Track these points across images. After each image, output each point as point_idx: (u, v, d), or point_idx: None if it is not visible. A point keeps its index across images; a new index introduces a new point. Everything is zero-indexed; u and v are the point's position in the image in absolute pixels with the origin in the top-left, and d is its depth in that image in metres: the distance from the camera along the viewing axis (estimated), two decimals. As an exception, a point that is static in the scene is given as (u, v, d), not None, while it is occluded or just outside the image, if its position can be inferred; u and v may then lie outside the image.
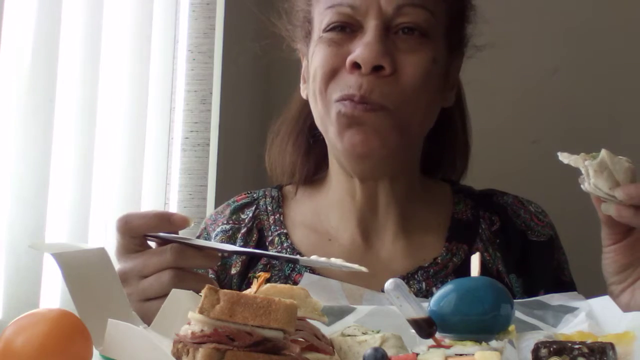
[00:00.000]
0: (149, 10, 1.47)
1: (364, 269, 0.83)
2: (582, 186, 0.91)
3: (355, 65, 1.06)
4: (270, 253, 1.14)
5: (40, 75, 1.13)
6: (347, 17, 1.09)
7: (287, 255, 1.13)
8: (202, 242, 0.98)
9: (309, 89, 1.14)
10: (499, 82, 1.84)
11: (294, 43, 1.21)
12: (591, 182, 0.90)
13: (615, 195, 0.89)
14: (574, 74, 1.88)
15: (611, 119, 1.85)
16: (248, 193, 1.25)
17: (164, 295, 0.85)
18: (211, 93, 1.61)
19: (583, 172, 0.90)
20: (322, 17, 1.11)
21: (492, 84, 1.81)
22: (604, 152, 0.90)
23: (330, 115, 1.08)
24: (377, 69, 1.05)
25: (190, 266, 0.94)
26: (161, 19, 1.52)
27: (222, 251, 1.03)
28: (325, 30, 1.10)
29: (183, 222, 0.94)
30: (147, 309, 0.90)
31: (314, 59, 1.11)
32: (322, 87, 1.08)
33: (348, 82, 1.06)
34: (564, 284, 1.17)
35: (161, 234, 0.94)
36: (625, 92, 1.86)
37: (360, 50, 1.05)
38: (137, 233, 0.94)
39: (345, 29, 1.09)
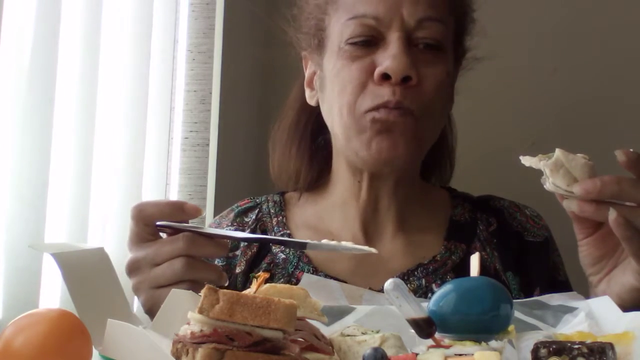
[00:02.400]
0: (149, 10, 1.46)
1: (373, 250, 0.85)
2: (544, 186, 0.93)
3: (384, 77, 1.08)
4: (280, 238, 1.16)
5: (39, 74, 1.13)
6: (370, 29, 1.10)
7: (296, 240, 1.13)
8: (212, 231, 1.00)
9: (328, 101, 1.15)
10: (498, 82, 1.84)
11: (301, 50, 1.22)
12: (550, 180, 0.92)
13: (574, 192, 0.90)
14: (573, 74, 1.88)
15: (611, 120, 1.85)
16: (251, 198, 1.28)
17: (176, 282, 0.90)
18: (211, 93, 1.61)
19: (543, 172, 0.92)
20: (343, 28, 1.12)
21: (491, 85, 1.81)
22: (557, 151, 0.92)
23: (361, 124, 1.10)
24: (405, 79, 1.08)
25: (202, 254, 0.96)
26: (161, 19, 1.52)
27: (232, 238, 1.07)
28: (348, 42, 1.11)
29: (195, 211, 0.97)
30: (158, 296, 0.92)
31: (339, 73, 1.12)
32: (351, 101, 1.10)
33: (379, 93, 1.09)
34: (560, 284, 1.19)
35: (172, 224, 0.96)
36: (625, 92, 1.86)
37: (390, 61, 1.08)
38: (150, 221, 0.96)
39: (369, 41, 1.11)
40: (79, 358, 0.65)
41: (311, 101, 1.21)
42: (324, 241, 0.88)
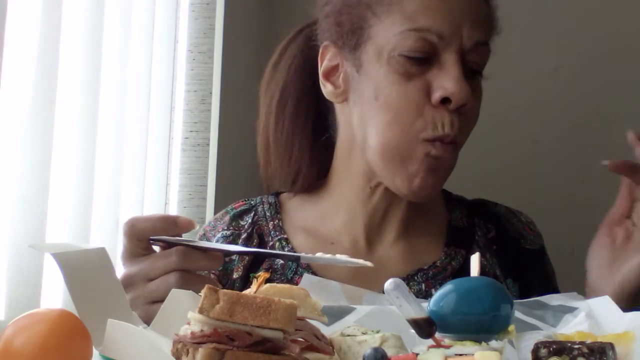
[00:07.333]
0: (149, 10, 1.47)
1: (369, 263, 0.84)
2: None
3: (444, 100, 1.06)
4: (274, 252, 1.15)
5: (41, 76, 1.13)
6: (430, 45, 1.06)
7: (291, 253, 1.13)
8: (205, 244, 0.99)
9: (367, 108, 1.10)
10: (499, 81, 1.84)
11: (325, 40, 1.14)
12: None
13: None
14: (574, 74, 1.88)
15: (611, 119, 1.85)
16: (245, 200, 1.25)
17: None
18: (211, 93, 1.61)
19: None
20: (400, 37, 1.06)
21: (492, 83, 1.81)
22: None
23: (413, 151, 1.07)
24: (462, 105, 1.06)
25: (196, 268, 0.95)
26: (161, 19, 1.52)
27: (226, 252, 1.04)
28: (402, 54, 1.06)
29: (188, 225, 0.95)
30: (153, 311, 0.90)
31: (391, 86, 1.07)
32: (406, 122, 1.07)
33: (440, 119, 1.06)
34: (553, 293, 1.19)
35: (165, 237, 0.95)
36: (626, 91, 1.86)
37: (453, 86, 1.04)
38: (142, 236, 0.95)
39: (425, 58, 1.06)
40: (79, 358, 0.65)
41: (337, 98, 1.14)
42: (319, 254, 0.87)
